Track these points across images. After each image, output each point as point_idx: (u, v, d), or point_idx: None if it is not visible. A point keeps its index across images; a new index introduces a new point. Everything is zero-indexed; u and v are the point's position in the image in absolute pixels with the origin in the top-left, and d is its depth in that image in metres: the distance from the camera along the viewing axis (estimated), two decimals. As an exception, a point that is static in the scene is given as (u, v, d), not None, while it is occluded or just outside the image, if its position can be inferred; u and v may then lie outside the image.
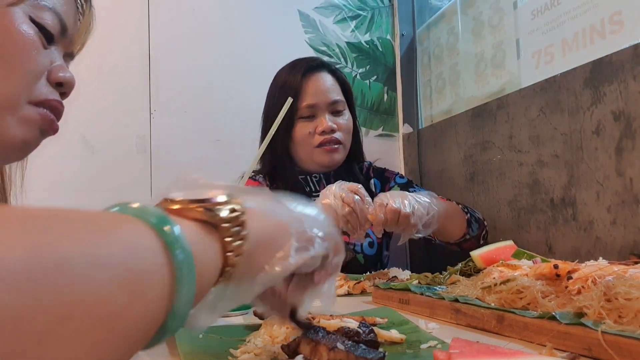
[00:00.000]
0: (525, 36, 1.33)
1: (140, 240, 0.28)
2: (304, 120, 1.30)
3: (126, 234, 0.28)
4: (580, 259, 0.69)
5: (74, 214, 0.27)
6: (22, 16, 0.59)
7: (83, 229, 0.26)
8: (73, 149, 1.56)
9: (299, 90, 1.28)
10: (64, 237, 0.25)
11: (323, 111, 1.30)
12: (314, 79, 1.31)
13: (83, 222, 0.27)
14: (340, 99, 1.33)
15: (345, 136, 1.33)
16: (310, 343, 0.41)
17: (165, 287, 0.28)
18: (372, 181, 1.41)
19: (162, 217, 0.30)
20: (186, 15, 1.71)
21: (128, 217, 0.30)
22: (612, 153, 0.97)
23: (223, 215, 0.34)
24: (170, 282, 0.29)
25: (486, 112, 1.36)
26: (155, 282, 0.28)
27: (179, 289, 0.29)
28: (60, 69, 0.64)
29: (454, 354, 0.37)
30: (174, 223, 0.30)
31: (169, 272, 0.29)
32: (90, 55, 1.67)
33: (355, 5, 1.91)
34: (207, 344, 0.50)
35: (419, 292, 0.72)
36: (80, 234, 0.26)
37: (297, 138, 1.31)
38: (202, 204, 0.34)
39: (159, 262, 0.28)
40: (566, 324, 0.46)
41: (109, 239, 0.27)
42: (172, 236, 0.29)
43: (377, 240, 1.32)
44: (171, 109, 1.67)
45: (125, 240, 0.28)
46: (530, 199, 1.19)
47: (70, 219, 0.27)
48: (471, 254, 0.85)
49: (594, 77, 1.01)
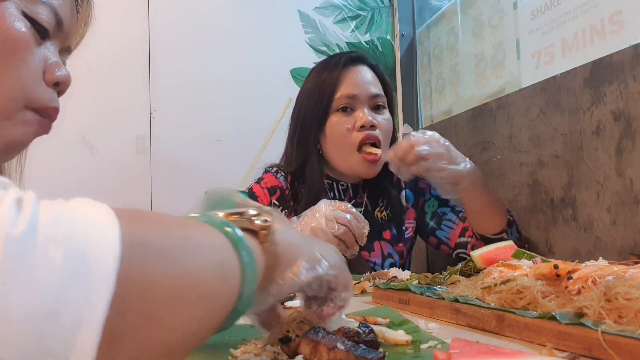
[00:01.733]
0: (525, 36, 1.33)
1: (216, 236, 0.35)
2: (340, 113, 1.17)
3: (208, 232, 0.35)
4: (580, 259, 0.69)
5: (167, 216, 0.33)
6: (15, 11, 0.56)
7: (182, 225, 0.33)
8: (73, 149, 1.56)
9: (337, 81, 1.17)
10: (174, 229, 0.32)
11: (363, 104, 1.17)
12: (354, 70, 1.20)
13: (178, 221, 0.34)
14: (381, 93, 1.21)
15: (385, 138, 1.19)
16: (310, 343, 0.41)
17: (237, 274, 0.34)
18: (403, 192, 1.29)
19: (224, 221, 0.37)
20: (186, 15, 1.71)
21: (198, 221, 0.36)
22: (612, 153, 0.97)
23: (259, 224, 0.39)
24: (239, 271, 0.34)
25: (486, 112, 1.36)
26: (232, 269, 0.34)
27: (245, 277, 0.35)
28: (55, 67, 0.61)
29: (454, 354, 0.37)
30: (236, 227, 0.36)
31: (238, 263, 0.34)
32: (90, 55, 1.68)
33: (355, 5, 1.91)
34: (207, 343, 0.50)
35: (419, 292, 0.72)
36: (183, 229, 0.33)
37: (332, 134, 1.18)
38: (240, 216, 0.39)
39: (231, 255, 0.34)
40: (566, 324, 0.45)
41: (201, 234, 0.34)
42: (236, 236, 0.35)
43: (399, 261, 1.24)
44: (171, 109, 1.67)
45: (209, 235, 0.34)
46: (530, 199, 1.19)
47: (170, 218, 0.33)
48: (471, 254, 0.85)
49: (594, 77, 1.01)
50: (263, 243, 0.39)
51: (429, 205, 1.28)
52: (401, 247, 1.26)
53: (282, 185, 1.22)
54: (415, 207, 1.29)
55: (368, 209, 1.25)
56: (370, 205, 1.26)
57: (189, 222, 0.35)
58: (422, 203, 1.29)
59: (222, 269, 0.33)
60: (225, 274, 0.33)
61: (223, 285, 0.33)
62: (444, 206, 1.25)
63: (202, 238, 0.33)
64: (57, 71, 0.61)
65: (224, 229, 0.35)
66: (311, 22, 1.85)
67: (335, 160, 1.21)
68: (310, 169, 1.20)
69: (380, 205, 1.26)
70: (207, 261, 0.32)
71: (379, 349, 0.43)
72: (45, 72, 0.60)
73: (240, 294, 0.34)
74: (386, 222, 1.26)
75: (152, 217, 0.32)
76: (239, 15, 1.77)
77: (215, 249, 0.34)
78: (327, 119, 1.18)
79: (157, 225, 0.31)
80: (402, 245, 1.26)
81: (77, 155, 1.57)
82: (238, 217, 0.39)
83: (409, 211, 1.29)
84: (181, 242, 0.31)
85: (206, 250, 0.32)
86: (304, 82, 1.28)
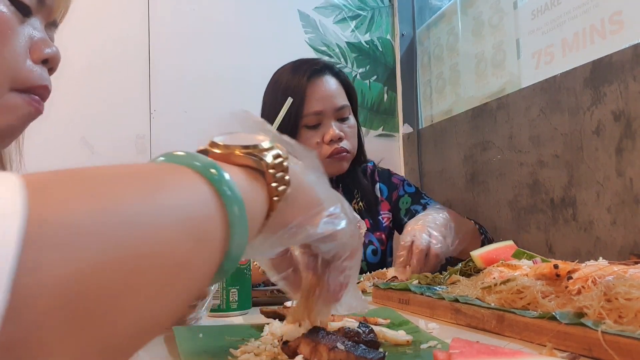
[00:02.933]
0: (525, 36, 1.33)
1: (194, 188, 0.29)
2: (309, 129, 1.23)
3: (181, 183, 0.29)
4: (581, 259, 0.69)
5: (129, 169, 0.28)
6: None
7: (142, 183, 0.27)
8: (73, 149, 1.56)
9: (303, 96, 1.21)
10: (127, 192, 0.25)
11: (329, 118, 1.23)
12: (319, 83, 1.24)
13: (140, 176, 0.28)
14: (345, 104, 1.27)
15: (352, 144, 1.27)
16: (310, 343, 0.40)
17: (222, 231, 0.29)
18: (377, 185, 1.35)
19: (210, 163, 0.31)
20: (186, 15, 1.71)
21: (177, 166, 0.30)
22: (612, 153, 0.97)
23: (268, 161, 0.35)
24: (225, 227, 0.30)
25: (486, 112, 1.36)
26: (213, 227, 0.29)
27: (233, 231, 0.30)
28: (42, 44, 0.58)
29: (454, 354, 0.37)
30: (223, 170, 0.31)
31: (223, 216, 0.30)
32: (90, 55, 1.68)
33: (355, 5, 1.91)
34: (207, 344, 0.50)
35: (419, 292, 0.72)
36: (141, 189, 0.26)
37: None
38: (247, 149, 0.35)
39: (214, 208, 0.29)
40: (566, 324, 0.45)
41: (168, 190, 0.27)
42: (222, 182, 0.30)
43: (380, 247, 1.29)
44: (171, 109, 1.67)
45: (182, 189, 0.28)
46: (530, 199, 1.19)
47: (128, 175, 0.27)
48: (471, 254, 0.85)
49: (594, 77, 1.01)
50: (270, 184, 0.35)
51: (402, 202, 1.34)
52: (380, 235, 1.31)
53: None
54: (389, 200, 1.35)
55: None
56: (346, 197, 1.31)
57: (157, 173, 0.29)
58: (396, 198, 1.35)
59: (200, 230, 0.28)
60: (203, 235, 0.28)
61: (200, 250, 0.28)
62: (417, 204, 1.31)
63: (170, 194, 0.27)
64: (45, 48, 0.58)
65: (208, 173, 0.30)
66: (311, 22, 1.85)
67: None
68: None
69: (355, 198, 1.33)
70: (175, 226, 0.26)
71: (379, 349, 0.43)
72: (32, 50, 0.57)
73: (227, 254, 0.30)
74: (363, 212, 1.32)
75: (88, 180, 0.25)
76: (239, 15, 1.77)
77: (189, 205, 0.28)
78: (296, 135, 1.23)
79: (92, 192, 0.23)
80: (380, 233, 1.31)
81: (76, 155, 1.57)
82: (244, 151, 0.34)
83: (383, 203, 1.34)
84: (134, 208, 0.24)
85: (175, 212, 0.27)
86: (268, 89, 1.30)
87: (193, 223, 0.28)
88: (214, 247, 0.29)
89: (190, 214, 0.28)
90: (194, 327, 0.56)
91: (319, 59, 1.35)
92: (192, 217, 0.28)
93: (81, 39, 1.56)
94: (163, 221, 0.26)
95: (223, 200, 0.30)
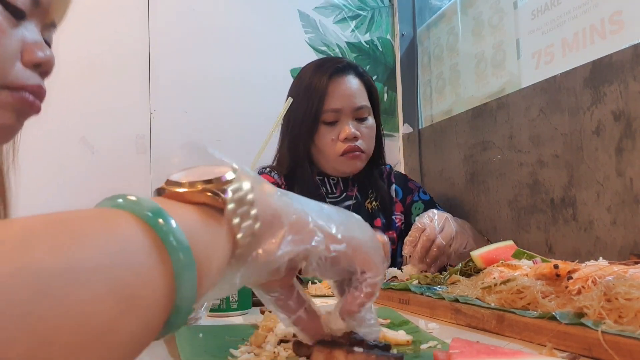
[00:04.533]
0: (525, 36, 1.33)
1: (132, 240, 0.26)
2: (327, 125, 1.26)
3: (117, 236, 0.26)
4: (581, 259, 0.69)
5: (58, 220, 0.25)
6: None
7: (68, 239, 0.24)
8: (73, 149, 1.56)
9: (324, 93, 1.24)
10: (45, 251, 0.22)
11: (347, 117, 1.26)
12: (340, 82, 1.26)
13: (68, 229, 0.25)
14: (365, 104, 1.28)
15: (368, 144, 1.29)
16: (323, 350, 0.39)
17: (164, 286, 0.27)
18: (393, 187, 1.37)
19: (156, 210, 0.28)
20: (186, 15, 1.71)
21: (120, 214, 0.27)
22: (612, 153, 0.97)
23: (227, 197, 0.32)
24: (168, 280, 0.27)
25: (486, 112, 1.36)
26: (151, 284, 0.26)
27: (179, 284, 0.27)
28: (35, 47, 0.56)
29: (454, 354, 0.37)
30: (169, 216, 0.28)
31: (167, 269, 0.27)
32: (90, 55, 1.68)
33: (355, 5, 1.91)
34: (207, 344, 0.50)
35: (419, 292, 0.72)
36: (64, 246, 0.23)
37: (319, 143, 1.27)
38: (206, 185, 0.32)
39: (153, 261, 0.26)
40: (566, 324, 0.45)
41: (97, 246, 0.25)
42: (167, 230, 0.27)
43: (391, 246, 1.30)
44: (171, 109, 1.67)
45: (116, 243, 0.26)
46: (530, 199, 1.19)
47: (55, 228, 0.24)
48: (471, 254, 0.85)
49: (594, 77, 1.01)
50: (230, 221, 0.32)
51: (415, 207, 1.36)
52: (392, 234, 1.32)
53: (277, 182, 1.31)
54: (403, 202, 1.37)
55: (359, 200, 1.33)
56: (361, 197, 1.34)
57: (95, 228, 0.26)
58: (410, 202, 1.37)
59: (130, 285, 0.25)
60: (136, 291, 0.25)
61: (133, 307, 0.25)
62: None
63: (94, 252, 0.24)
64: (38, 52, 0.56)
65: (154, 222, 0.27)
66: (311, 22, 1.85)
67: (322, 163, 1.31)
68: (301, 172, 1.29)
69: (370, 197, 1.34)
70: (104, 284, 0.23)
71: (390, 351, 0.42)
72: (24, 54, 0.56)
73: (174, 303, 0.27)
74: (376, 211, 1.33)
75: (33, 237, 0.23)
76: (239, 15, 1.77)
77: (124, 260, 0.25)
78: (316, 130, 1.26)
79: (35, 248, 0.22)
80: (393, 232, 1.33)
81: (76, 155, 1.57)
82: (202, 187, 0.32)
83: (397, 204, 1.36)
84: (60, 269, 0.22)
85: (103, 268, 0.24)
86: (296, 81, 1.33)
87: (121, 282, 0.24)
88: (152, 305, 0.26)
89: (119, 273, 0.25)
90: (194, 327, 0.56)
91: (344, 58, 1.36)
92: (121, 277, 0.25)
93: (81, 39, 1.56)
94: (81, 284, 0.23)
95: (167, 252, 0.27)
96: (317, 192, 1.29)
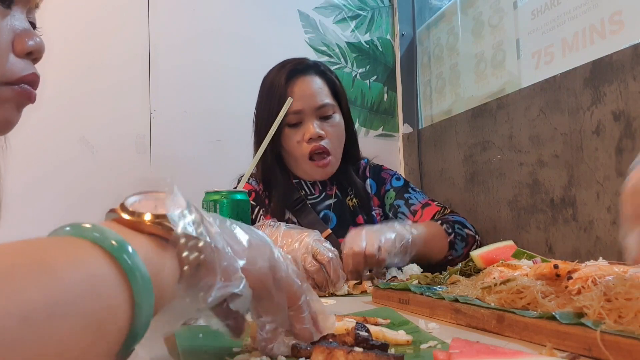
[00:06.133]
0: (525, 36, 1.33)
1: (100, 273, 0.28)
2: (290, 127, 1.23)
3: (88, 270, 0.28)
4: (581, 259, 0.69)
5: (29, 252, 0.26)
6: None
7: (43, 273, 0.25)
8: (73, 149, 1.56)
9: (283, 95, 1.20)
10: (25, 286, 0.24)
11: (310, 117, 1.23)
12: (299, 82, 1.24)
13: (42, 263, 0.26)
14: (328, 102, 1.25)
15: (335, 143, 1.26)
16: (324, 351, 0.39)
17: (126, 313, 0.29)
18: (367, 182, 1.35)
19: (119, 241, 0.30)
20: (186, 15, 1.71)
21: (83, 245, 0.29)
22: (612, 153, 0.97)
23: (178, 231, 0.34)
24: (129, 308, 0.29)
25: (486, 112, 1.36)
26: (116, 313, 0.28)
27: (138, 312, 0.29)
28: (25, 35, 0.57)
29: (454, 354, 0.37)
30: (132, 250, 0.30)
31: (129, 297, 0.29)
32: (90, 55, 1.67)
33: (355, 5, 1.91)
34: (207, 343, 0.50)
35: (419, 292, 0.72)
36: (41, 280, 0.25)
37: (286, 146, 1.25)
38: (159, 219, 0.34)
39: (118, 291, 0.28)
40: (566, 324, 0.45)
41: (71, 281, 0.26)
42: (132, 265, 0.29)
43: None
44: (171, 109, 1.67)
45: (88, 277, 0.27)
46: (530, 199, 1.19)
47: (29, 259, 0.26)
48: (471, 254, 0.85)
49: (594, 77, 1.01)
50: (181, 254, 0.34)
51: (387, 197, 1.34)
52: None
53: (255, 188, 1.30)
54: (378, 195, 1.35)
55: (340, 198, 1.31)
56: (341, 195, 1.33)
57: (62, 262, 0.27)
58: (384, 192, 1.35)
59: (100, 318, 0.27)
60: (105, 322, 0.27)
61: (102, 336, 0.27)
62: (400, 199, 1.31)
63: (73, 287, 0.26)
64: (28, 41, 0.57)
65: (116, 253, 0.29)
66: (311, 22, 1.85)
67: (294, 167, 1.29)
68: (274, 177, 1.27)
69: (350, 194, 1.33)
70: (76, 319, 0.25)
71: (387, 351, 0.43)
72: (15, 43, 0.56)
73: (131, 329, 0.29)
74: (357, 208, 1.32)
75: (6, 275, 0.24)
76: (239, 15, 1.77)
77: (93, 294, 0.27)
78: (280, 134, 1.24)
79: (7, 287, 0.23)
80: None
81: (76, 155, 1.57)
82: (155, 220, 0.34)
83: (374, 199, 1.35)
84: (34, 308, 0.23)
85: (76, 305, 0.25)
86: (261, 83, 1.32)
87: (91, 316, 0.26)
88: (116, 332, 0.28)
89: (90, 307, 0.26)
90: (194, 327, 0.56)
91: (306, 58, 1.34)
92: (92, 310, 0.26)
93: (81, 39, 1.56)
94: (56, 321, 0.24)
95: (129, 282, 0.29)
96: (295, 196, 1.26)
